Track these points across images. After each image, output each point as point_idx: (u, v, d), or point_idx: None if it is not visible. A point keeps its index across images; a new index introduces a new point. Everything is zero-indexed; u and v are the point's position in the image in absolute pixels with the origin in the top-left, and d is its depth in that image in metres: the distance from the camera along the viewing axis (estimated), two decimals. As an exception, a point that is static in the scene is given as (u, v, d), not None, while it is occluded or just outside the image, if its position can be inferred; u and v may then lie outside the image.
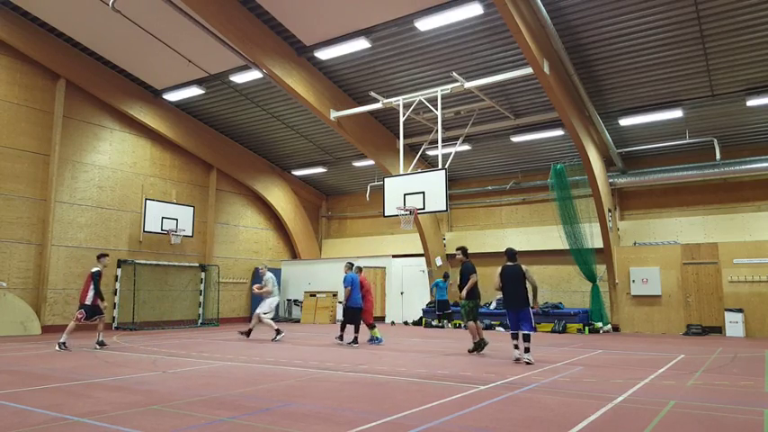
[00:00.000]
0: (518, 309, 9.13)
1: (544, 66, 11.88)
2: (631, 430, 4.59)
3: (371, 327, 12.29)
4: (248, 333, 13.24)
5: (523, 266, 9.43)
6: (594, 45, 12.56)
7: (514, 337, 9.16)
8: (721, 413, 5.26)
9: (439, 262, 19.75)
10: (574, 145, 15.69)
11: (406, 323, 19.83)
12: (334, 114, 15.20)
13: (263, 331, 14.05)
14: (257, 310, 13.31)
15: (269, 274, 13.39)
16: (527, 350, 8.82)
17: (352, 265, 12.33)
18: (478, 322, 10.57)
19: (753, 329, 14.41)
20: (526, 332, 8.92)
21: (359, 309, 11.89)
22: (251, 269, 21.25)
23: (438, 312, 17.60)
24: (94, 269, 10.98)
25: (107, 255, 11.59)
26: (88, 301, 10.76)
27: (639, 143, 16.38)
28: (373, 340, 12.19)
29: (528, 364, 8.65)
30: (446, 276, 17.82)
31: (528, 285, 9.27)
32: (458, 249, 10.90)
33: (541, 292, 18.56)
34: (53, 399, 5.81)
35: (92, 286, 10.81)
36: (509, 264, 9.50)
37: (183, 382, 6.86)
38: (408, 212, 12.80)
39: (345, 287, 11.87)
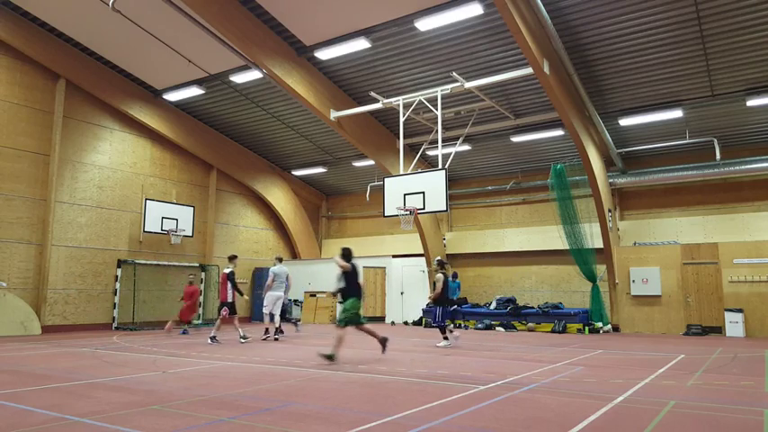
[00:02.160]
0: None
1: (544, 66, 11.88)
2: (631, 430, 4.59)
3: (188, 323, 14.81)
4: (277, 331, 13.31)
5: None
6: (594, 45, 12.56)
7: (447, 329, 11.71)
8: (721, 413, 5.26)
9: (439, 262, 19.73)
10: (574, 145, 15.70)
11: (406, 323, 19.82)
12: (334, 114, 15.20)
13: (259, 331, 14.02)
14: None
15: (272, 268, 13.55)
16: (446, 338, 11.57)
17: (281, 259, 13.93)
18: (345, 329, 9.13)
19: (753, 329, 14.41)
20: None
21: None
22: (251, 269, 21.26)
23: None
24: (228, 269, 12.41)
25: (236, 256, 13.07)
26: (229, 299, 12.28)
27: (639, 143, 16.38)
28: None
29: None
30: (455, 276, 17.77)
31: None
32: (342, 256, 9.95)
33: (541, 291, 18.62)
34: (53, 399, 5.81)
35: (229, 285, 12.32)
36: (444, 272, 12.02)
37: (183, 382, 6.86)
38: (408, 212, 12.80)
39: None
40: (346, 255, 9.42)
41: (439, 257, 12.66)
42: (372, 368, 8.24)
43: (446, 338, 11.67)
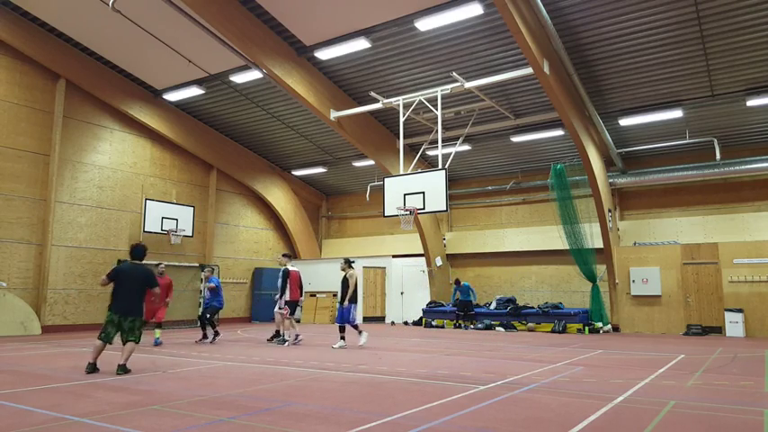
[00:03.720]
0: (355, 303, 11.56)
1: (544, 66, 11.88)
2: (631, 430, 4.59)
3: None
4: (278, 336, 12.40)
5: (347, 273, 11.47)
6: (594, 45, 12.56)
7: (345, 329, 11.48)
8: (721, 413, 5.26)
9: (439, 262, 19.75)
10: (574, 145, 15.70)
11: (405, 323, 19.83)
12: (334, 114, 15.20)
13: (264, 332, 14.04)
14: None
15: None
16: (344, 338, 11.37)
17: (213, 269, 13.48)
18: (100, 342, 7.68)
19: (753, 329, 14.41)
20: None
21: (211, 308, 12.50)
22: (251, 269, 21.24)
23: (459, 313, 17.62)
24: (294, 268, 12.27)
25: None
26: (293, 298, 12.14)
27: (639, 143, 16.38)
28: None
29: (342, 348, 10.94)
30: (457, 282, 17.96)
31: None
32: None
33: (541, 291, 18.62)
34: (53, 399, 5.81)
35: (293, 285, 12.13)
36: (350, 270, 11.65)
37: (183, 382, 6.86)
38: (408, 212, 12.80)
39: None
40: (131, 252, 8.04)
41: (346, 257, 12.14)
42: (372, 368, 8.24)
43: (343, 338, 11.32)
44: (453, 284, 18.13)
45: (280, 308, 12.16)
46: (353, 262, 12.08)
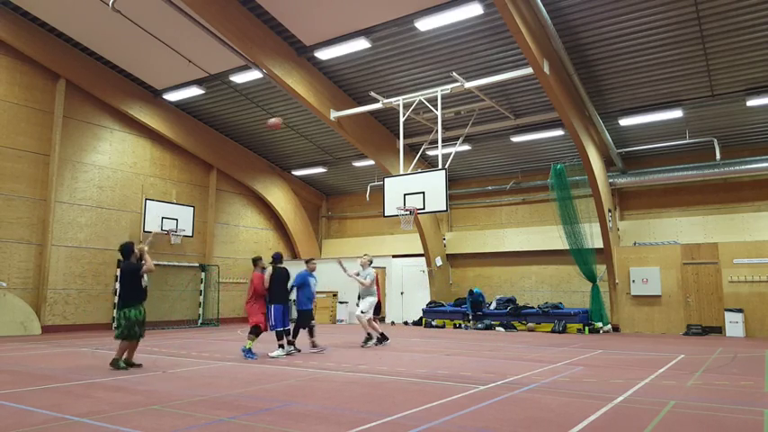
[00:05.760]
0: (285, 304, 10.04)
1: (544, 66, 11.88)
2: (631, 430, 4.59)
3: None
4: (369, 340, 11.49)
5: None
6: (594, 45, 12.56)
7: (287, 334, 10.00)
8: (721, 413, 5.26)
9: (439, 262, 19.75)
10: (574, 145, 15.69)
11: (406, 323, 19.83)
12: (334, 114, 15.20)
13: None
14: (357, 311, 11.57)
15: (371, 269, 11.92)
16: (281, 345, 9.88)
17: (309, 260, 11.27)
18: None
19: (753, 329, 14.41)
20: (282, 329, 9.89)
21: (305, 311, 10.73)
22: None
23: (469, 312, 17.61)
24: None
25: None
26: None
27: (639, 143, 16.38)
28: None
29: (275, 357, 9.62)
30: (470, 293, 17.97)
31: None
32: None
33: (542, 291, 18.61)
34: (53, 399, 5.81)
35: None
36: (278, 266, 10.32)
37: (183, 382, 6.86)
38: (408, 212, 12.79)
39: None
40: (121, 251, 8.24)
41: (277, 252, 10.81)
42: (372, 368, 8.24)
43: (281, 346, 9.89)
44: (467, 296, 17.93)
45: (363, 311, 11.32)
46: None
